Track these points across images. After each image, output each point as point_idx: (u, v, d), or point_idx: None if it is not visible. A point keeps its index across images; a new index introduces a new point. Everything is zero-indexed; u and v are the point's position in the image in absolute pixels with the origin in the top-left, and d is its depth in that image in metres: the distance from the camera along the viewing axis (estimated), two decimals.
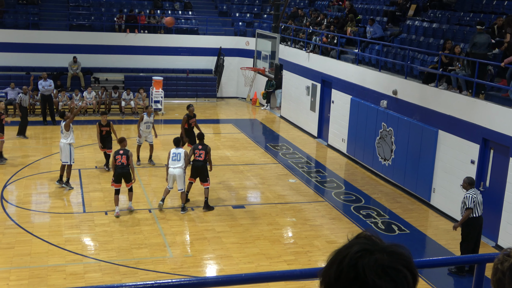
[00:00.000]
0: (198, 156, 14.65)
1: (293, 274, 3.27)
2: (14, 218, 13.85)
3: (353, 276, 1.62)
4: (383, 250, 1.66)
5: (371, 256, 1.63)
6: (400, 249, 1.68)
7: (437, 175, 15.47)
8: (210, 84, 29.16)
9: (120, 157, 13.99)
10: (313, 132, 23.05)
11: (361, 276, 1.61)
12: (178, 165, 14.36)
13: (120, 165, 13.98)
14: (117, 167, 14.02)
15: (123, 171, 14.01)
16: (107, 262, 11.80)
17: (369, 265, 1.62)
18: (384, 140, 17.77)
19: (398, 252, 1.67)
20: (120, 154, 14.05)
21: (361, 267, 1.62)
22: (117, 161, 14.00)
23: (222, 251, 12.59)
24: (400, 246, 1.70)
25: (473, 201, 11.48)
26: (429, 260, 7.00)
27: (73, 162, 15.84)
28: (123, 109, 25.11)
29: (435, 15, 19.81)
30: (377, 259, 1.63)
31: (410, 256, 1.69)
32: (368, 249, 1.65)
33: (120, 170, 13.99)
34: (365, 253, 1.64)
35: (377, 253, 1.64)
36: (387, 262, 1.62)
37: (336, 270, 1.65)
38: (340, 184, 17.67)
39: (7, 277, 11.01)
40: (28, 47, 26.90)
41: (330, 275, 1.66)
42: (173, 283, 2.75)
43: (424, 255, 13.47)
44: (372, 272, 1.61)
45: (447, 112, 15.07)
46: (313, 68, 22.84)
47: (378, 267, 1.61)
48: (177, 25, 29.68)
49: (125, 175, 14.06)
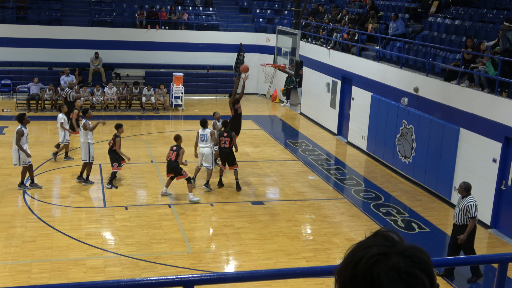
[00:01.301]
0: (224, 143, 15.74)
1: (313, 271, 3.27)
2: (36, 212, 14.02)
3: (368, 281, 1.60)
4: (400, 253, 1.63)
5: (387, 260, 1.61)
6: (419, 253, 1.65)
7: (458, 173, 15.34)
8: (230, 80, 29.18)
9: (172, 152, 14.81)
10: (333, 129, 22.98)
11: (376, 281, 1.59)
12: (207, 145, 15.76)
13: (169, 160, 14.81)
14: (168, 161, 14.91)
15: (171, 165, 14.82)
16: (127, 257, 11.89)
17: (385, 271, 1.59)
18: (404, 138, 17.66)
19: (416, 256, 1.64)
20: (173, 150, 14.85)
21: (376, 273, 1.60)
22: (168, 155, 14.90)
23: (241, 247, 12.62)
24: (419, 249, 1.67)
25: (477, 209, 11.17)
26: (449, 259, 6.98)
27: (92, 160, 15.97)
28: (144, 104, 25.26)
29: (458, 12, 19.62)
30: (393, 264, 1.60)
31: (429, 260, 1.66)
32: (385, 253, 1.63)
33: (168, 164, 14.88)
34: (381, 258, 1.62)
35: (394, 256, 1.62)
36: (404, 267, 1.60)
37: (351, 272, 1.64)
38: (360, 182, 17.60)
39: (28, 270, 11.15)
40: (50, 43, 27.18)
41: (345, 277, 1.65)
42: (193, 278, 2.77)
43: (444, 254, 13.37)
44: (387, 278, 1.58)
45: (469, 110, 14.92)
46: (334, 65, 22.76)
47: (394, 272, 1.59)
48: (197, 21, 29.78)
49: (173, 169, 14.85)
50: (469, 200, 11.13)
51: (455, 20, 18.89)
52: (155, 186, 16.15)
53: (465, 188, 11.27)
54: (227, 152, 15.83)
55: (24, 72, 26.39)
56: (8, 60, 26.78)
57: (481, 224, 14.45)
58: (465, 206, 11.14)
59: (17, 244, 12.17)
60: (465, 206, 11.13)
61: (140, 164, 18.01)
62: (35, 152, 18.37)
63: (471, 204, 11.07)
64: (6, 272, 11.04)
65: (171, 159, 14.78)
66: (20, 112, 16.58)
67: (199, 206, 14.72)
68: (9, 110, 23.91)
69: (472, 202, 11.09)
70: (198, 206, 14.71)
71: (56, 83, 25.04)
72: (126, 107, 25.43)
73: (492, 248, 13.40)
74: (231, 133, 15.92)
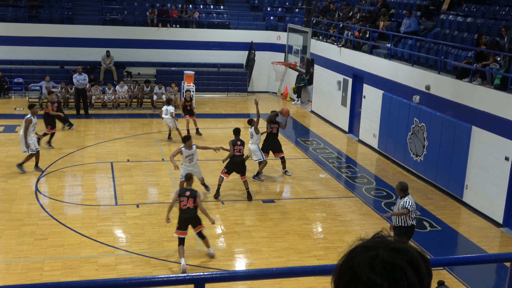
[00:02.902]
0: (238, 152, 15.09)
1: (324, 269, 3.27)
2: (48, 209, 14.10)
3: (352, 274, 1.61)
4: (385, 247, 1.63)
5: (369, 252, 1.61)
6: (405, 246, 1.64)
7: (470, 171, 15.26)
8: (241, 78, 29.21)
9: (186, 200, 11.50)
10: (344, 127, 22.93)
11: (358, 273, 1.60)
12: (252, 141, 16.25)
13: (187, 209, 11.52)
14: (183, 211, 11.53)
15: (190, 214, 11.55)
16: (138, 254, 11.94)
17: (364, 261, 1.60)
18: (416, 136, 17.58)
19: (401, 248, 1.63)
20: (186, 196, 11.52)
21: (357, 264, 1.61)
22: (181, 204, 11.54)
23: (252, 245, 12.63)
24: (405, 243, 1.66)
25: (413, 206, 10.83)
26: (461, 258, 6.94)
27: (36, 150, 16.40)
28: (155, 103, 25.32)
29: (470, 9, 19.50)
30: (376, 255, 1.60)
31: (417, 252, 1.64)
32: (369, 246, 1.64)
33: (184, 213, 11.52)
34: (363, 250, 1.63)
35: (379, 249, 1.62)
36: (387, 258, 1.59)
37: (339, 270, 1.66)
38: (371, 180, 17.55)
39: (41, 268, 11.23)
40: (62, 41, 27.32)
41: (335, 276, 1.68)
42: (204, 276, 2.77)
43: (456, 253, 13.33)
44: (366, 268, 1.58)
45: (481, 108, 14.84)
46: (345, 63, 22.70)
47: (376, 262, 1.59)
48: (208, 19, 29.81)
49: (192, 219, 11.64)
50: (405, 200, 10.84)
51: (467, 18, 18.78)
52: (166, 184, 16.19)
53: (401, 189, 10.97)
54: (240, 161, 15.15)
55: (36, 70, 26.55)
56: (21, 59, 26.95)
57: (493, 222, 14.39)
58: (401, 205, 10.85)
59: (30, 242, 12.26)
60: (401, 205, 10.85)
61: (151, 162, 18.06)
62: (47, 150, 18.49)
63: (407, 200, 10.80)
64: (19, 270, 11.12)
65: (190, 207, 11.47)
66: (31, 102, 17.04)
67: (210, 204, 14.74)
68: (22, 109, 24.06)
69: (408, 199, 10.81)
70: (209, 204, 14.73)
71: (68, 81, 25.16)
72: (138, 105, 25.51)
73: (504, 247, 13.32)
74: (243, 141, 15.30)
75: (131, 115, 24.17)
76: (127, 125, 22.77)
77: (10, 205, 14.23)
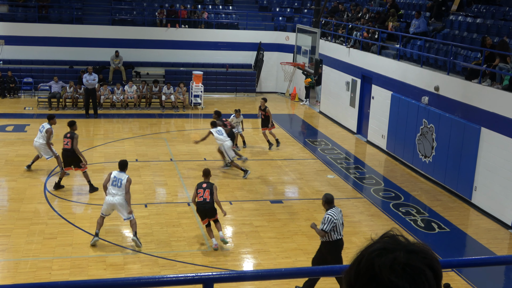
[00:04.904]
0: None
1: (332, 270, 3.27)
2: (57, 209, 14.16)
3: (370, 275, 1.61)
4: (403, 248, 1.64)
5: (389, 254, 1.62)
6: (422, 247, 1.66)
7: (479, 173, 15.20)
8: (250, 79, 29.22)
9: (203, 191, 12.11)
10: (353, 128, 22.89)
11: (378, 275, 1.60)
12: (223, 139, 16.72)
13: (203, 201, 12.10)
14: (200, 203, 12.16)
15: (206, 207, 12.14)
16: (146, 254, 11.97)
17: (385, 263, 1.60)
18: (424, 137, 17.53)
19: (418, 250, 1.64)
20: (203, 187, 12.19)
21: (378, 266, 1.61)
22: (197, 196, 12.15)
23: (260, 246, 12.63)
24: (423, 245, 1.67)
25: (331, 223, 9.95)
26: (469, 260, 6.93)
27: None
28: (164, 103, 25.38)
29: (479, 10, 19.43)
30: (395, 257, 1.61)
31: (432, 254, 1.66)
32: (387, 248, 1.64)
33: (202, 206, 12.14)
34: (383, 252, 1.63)
35: (396, 251, 1.62)
36: (406, 260, 1.60)
37: (355, 270, 1.66)
38: (379, 181, 17.52)
39: (49, 267, 11.28)
40: (71, 41, 27.43)
41: (350, 275, 1.67)
42: (213, 276, 2.78)
43: (464, 254, 13.28)
44: (387, 270, 1.59)
45: (491, 109, 14.77)
46: (353, 64, 22.67)
47: (396, 265, 1.59)
48: (217, 20, 29.84)
49: (209, 211, 12.21)
50: (327, 213, 10.11)
51: (476, 18, 18.71)
52: (175, 184, 16.22)
53: (325, 201, 10.29)
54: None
55: (46, 70, 26.67)
56: (30, 59, 27.08)
57: (502, 224, 14.33)
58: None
59: (38, 241, 12.31)
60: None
61: (160, 162, 18.10)
62: (56, 150, 18.55)
63: (325, 216, 10.06)
64: (28, 269, 11.18)
65: (206, 199, 12.05)
66: (50, 113, 17.05)
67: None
68: (31, 108, 24.18)
69: (327, 215, 10.03)
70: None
71: (77, 81, 25.26)
72: (146, 105, 25.57)
73: None
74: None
75: (139, 115, 24.22)
76: (135, 125, 22.84)
77: (19, 204, 14.30)
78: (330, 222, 9.98)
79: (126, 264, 11.53)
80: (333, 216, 10.02)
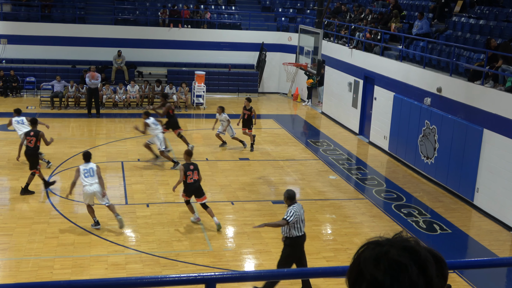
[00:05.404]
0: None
1: (334, 271, 3.27)
2: (58, 208, 14.17)
3: (358, 270, 1.61)
4: (392, 244, 1.61)
5: (374, 249, 1.61)
6: (416, 246, 1.61)
7: (481, 174, 15.18)
8: (252, 79, 29.22)
9: (192, 173, 13.00)
10: (355, 129, 22.87)
11: (362, 270, 1.59)
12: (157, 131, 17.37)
13: (194, 181, 13.02)
14: (190, 184, 13.04)
15: (196, 185, 13.09)
16: (148, 254, 11.97)
17: (369, 257, 1.59)
18: (427, 138, 17.52)
19: (407, 247, 1.60)
20: (191, 169, 13.01)
21: (362, 260, 1.60)
22: (188, 177, 12.97)
23: (261, 246, 12.63)
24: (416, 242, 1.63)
25: (295, 216, 10.00)
26: (471, 261, 6.91)
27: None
28: None
29: (482, 11, 19.40)
30: (379, 251, 1.59)
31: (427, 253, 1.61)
32: (380, 243, 1.62)
33: (191, 186, 13.05)
34: (370, 246, 1.62)
35: (384, 246, 1.60)
36: (391, 255, 1.58)
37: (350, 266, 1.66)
38: (381, 182, 17.50)
39: (51, 266, 11.28)
40: (74, 41, 27.45)
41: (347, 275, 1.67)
42: (216, 276, 2.78)
43: (466, 256, 13.26)
44: (369, 264, 1.57)
45: (493, 110, 14.76)
46: (356, 64, 22.66)
47: (379, 259, 1.57)
48: (219, 20, 29.84)
49: (197, 189, 13.17)
50: (288, 209, 10.14)
51: (479, 20, 18.69)
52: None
53: (287, 197, 10.33)
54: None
55: (48, 69, 26.69)
56: (33, 58, 27.11)
57: (504, 226, 14.30)
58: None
59: (40, 240, 12.32)
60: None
61: (161, 161, 18.09)
62: (58, 149, 18.57)
63: (289, 210, 10.09)
64: (29, 268, 11.18)
65: (195, 179, 13.02)
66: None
67: (219, 204, 14.75)
68: (33, 107, 24.20)
69: (291, 210, 10.07)
70: (219, 204, 14.74)
71: (80, 80, 25.27)
72: (148, 105, 25.56)
73: None
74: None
75: (141, 115, 24.18)
76: (138, 124, 22.80)
77: (21, 203, 14.31)
78: (294, 215, 10.04)
79: (128, 264, 11.53)
80: (296, 211, 10.11)
